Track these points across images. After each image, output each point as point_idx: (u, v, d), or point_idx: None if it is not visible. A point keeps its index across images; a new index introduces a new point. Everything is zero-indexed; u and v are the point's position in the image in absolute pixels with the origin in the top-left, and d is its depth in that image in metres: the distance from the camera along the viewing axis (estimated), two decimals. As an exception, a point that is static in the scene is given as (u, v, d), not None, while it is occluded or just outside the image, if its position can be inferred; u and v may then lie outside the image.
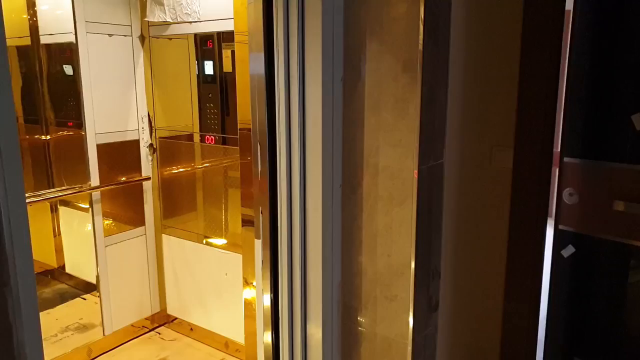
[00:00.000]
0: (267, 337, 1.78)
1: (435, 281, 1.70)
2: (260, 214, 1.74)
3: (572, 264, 2.25)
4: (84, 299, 3.18)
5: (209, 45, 2.83)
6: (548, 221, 2.07)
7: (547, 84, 1.96)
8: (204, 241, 2.66)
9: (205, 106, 2.77)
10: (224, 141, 2.73)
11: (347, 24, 1.52)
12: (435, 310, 1.72)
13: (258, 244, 1.78)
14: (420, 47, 1.40)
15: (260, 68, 1.60)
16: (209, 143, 2.73)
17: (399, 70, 1.45)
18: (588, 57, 2.08)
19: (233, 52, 2.78)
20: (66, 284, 3.45)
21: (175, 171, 2.75)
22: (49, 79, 3.13)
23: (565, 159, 2.19)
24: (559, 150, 2.18)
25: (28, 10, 2.98)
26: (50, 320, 2.96)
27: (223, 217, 2.67)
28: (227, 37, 2.60)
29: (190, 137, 2.75)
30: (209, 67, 2.86)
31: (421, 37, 1.39)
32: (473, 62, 1.89)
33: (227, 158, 2.62)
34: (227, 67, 2.91)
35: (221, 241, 2.61)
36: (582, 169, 2.14)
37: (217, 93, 2.89)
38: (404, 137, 1.48)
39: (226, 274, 2.53)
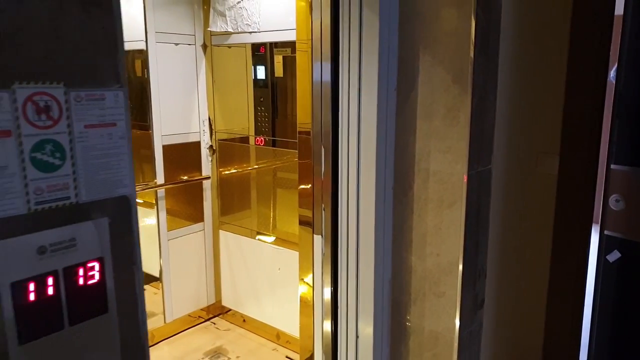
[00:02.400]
0: (327, 328, 1.91)
1: (481, 280, 1.79)
2: (323, 211, 1.87)
3: (618, 269, 2.28)
4: (144, 290, 3.42)
5: (261, 50, 3.00)
6: (593, 226, 2.12)
7: (594, 92, 2.01)
8: (257, 237, 2.82)
9: (257, 109, 2.94)
10: (274, 143, 2.90)
11: (402, 38, 1.64)
12: (480, 307, 1.81)
13: (318, 239, 1.92)
14: (471, 60, 1.50)
15: (326, 76, 1.74)
16: (258, 145, 2.90)
17: (450, 82, 1.56)
18: (638, 64, 2.12)
19: (284, 58, 2.94)
20: (127, 274, 3.70)
21: (232, 171, 2.93)
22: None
23: (612, 166, 2.23)
24: (605, 157, 2.21)
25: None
26: (115, 307, 3.21)
27: (272, 215, 2.83)
28: (278, 43, 2.76)
29: (246, 140, 2.93)
30: (260, 72, 3.04)
31: (472, 50, 1.50)
32: (521, 73, 1.97)
33: (277, 159, 2.78)
34: (278, 72, 3.08)
35: (271, 238, 2.77)
36: (629, 176, 2.18)
37: (268, 97, 3.06)
38: (454, 144, 1.58)
39: (279, 268, 2.69)
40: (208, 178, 2.92)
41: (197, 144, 2.87)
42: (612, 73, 2.25)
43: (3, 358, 0.68)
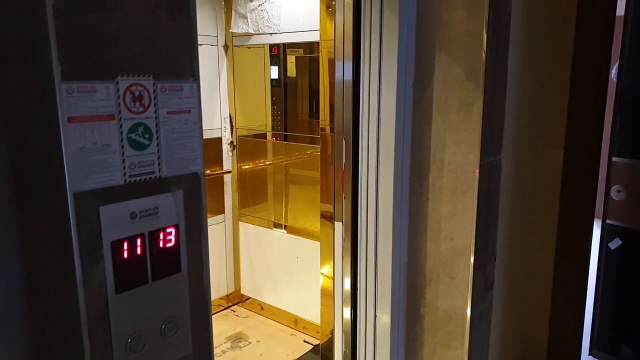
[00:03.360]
0: (346, 313, 2.05)
1: (492, 263, 1.92)
2: (344, 200, 2.00)
3: (619, 256, 2.42)
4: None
5: (274, 51, 3.14)
6: (596, 215, 2.25)
7: (597, 88, 2.15)
8: (281, 229, 2.96)
9: (273, 107, 3.09)
10: (285, 138, 3.04)
11: (419, 38, 1.78)
12: (490, 288, 1.94)
13: (339, 227, 2.05)
14: (484, 58, 1.64)
15: (349, 74, 1.87)
16: (273, 141, 3.05)
17: (464, 78, 1.69)
18: (638, 63, 2.25)
19: (297, 58, 3.08)
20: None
21: (252, 166, 3.07)
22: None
23: (614, 159, 2.36)
24: (607, 150, 2.35)
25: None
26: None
27: (288, 207, 2.98)
28: (291, 44, 2.90)
29: (264, 136, 3.08)
30: (274, 72, 3.19)
31: (484, 50, 1.63)
32: (529, 71, 2.11)
33: (291, 155, 2.93)
34: (291, 72, 3.22)
35: (288, 228, 2.91)
36: (630, 168, 2.31)
37: (281, 96, 3.20)
38: (467, 135, 1.72)
39: (297, 257, 2.83)
40: (229, 172, 3.06)
41: (219, 140, 3.01)
42: (613, 71, 2.39)
43: (104, 304, 0.82)
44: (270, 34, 2.71)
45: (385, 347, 1.94)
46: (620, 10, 2.20)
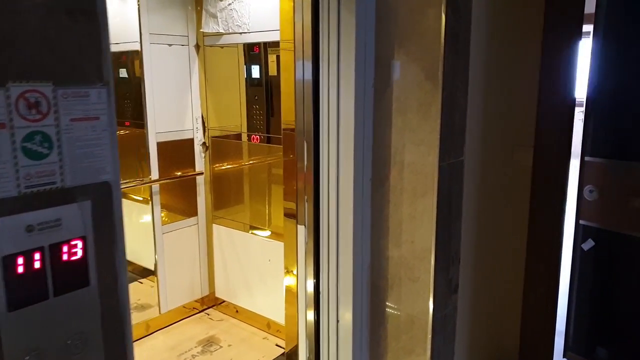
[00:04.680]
0: (310, 316, 2.01)
1: (455, 265, 1.88)
2: (306, 203, 1.97)
3: (593, 257, 2.38)
4: (141, 283, 3.53)
5: (255, 50, 3.10)
6: (568, 216, 2.21)
7: (565, 87, 2.11)
8: (250, 231, 2.92)
9: (252, 107, 3.04)
10: (269, 140, 2.99)
11: (378, 37, 1.73)
12: (455, 292, 1.90)
13: (302, 230, 2.02)
14: (441, 57, 1.60)
15: (308, 74, 1.83)
16: (255, 142, 3.00)
17: (422, 78, 1.65)
18: (610, 61, 2.21)
19: (278, 57, 3.04)
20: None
21: (225, 167, 3.03)
22: (122, 84, 3.49)
23: (587, 158, 2.33)
24: (580, 149, 2.31)
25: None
26: (113, 299, 3.31)
27: (266, 209, 2.93)
28: (272, 42, 2.86)
29: (238, 137, 3.03)
30: (255, 71, 3.14)
31: (442, 49, 1.59)
32: (494, 69, 2.07)
33: (271, 156, 2.88)
34: (272, 71, 3.17)
35: (265, 232, 2.88)
36: (603, 168, 2.27)
37: (262, 95, 3.16)
38: (426, 136, 1.68)
39: (269, 260, 2.79)
40: (201, 174, 3.02)
41: (191, 141, 2.97)
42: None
43: (-5, 322, 0.78)
44: (241, 33, 2.67)
45: (348, 351, 1.90)
46: (590, 7, 2.16)
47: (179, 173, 2.94)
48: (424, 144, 1.69)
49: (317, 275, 1.98)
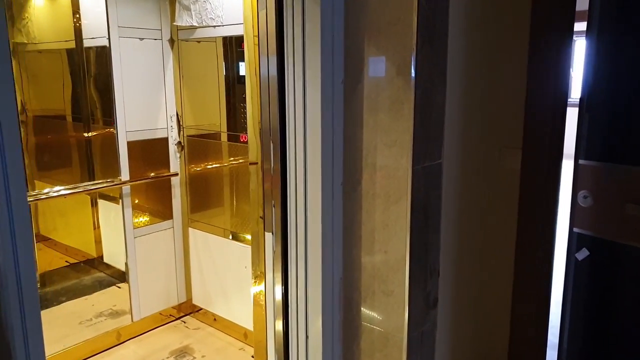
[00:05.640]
0: (279, 326, 1.87)
1: (434, 279, 1.73)
2: (273, 208, 1.83)
3: (588, 267, 2.22)
4: (119, 287, 3.39)
5: (242, 47, 2.95)
6: (561, 224, 2.06)
7: (557, 83, 1.95)
8: (229, 234, 2.78)
9: (239, 106, 2.89)
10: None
11: (347, 29, 1.59)
12: (433, 307, 1.75)
13: (269, 237, 1.88)
14: (414, 50, 1.45)
15: (273, 70, 1.69)
16: (243, 141, 2.85)
17: (394, 73, 1.50)
18: (606, 60, 2.05)
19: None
20: (104, 272, 3.68)
21: (202, 168, 2.89)
22: (91, 80, 3.36)
23: (580, 161, 2.16)
24: (573, 152, 2.15)
25: (74, 15, 3.21)
26: (87, 305, 3.18)
27: (246, 212, 2.79)
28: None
29: (216, 136, 2.89)
30: (242, 68, 2.99)
31: (414, 41, 1.44)
32: (476, 63, 1.91)
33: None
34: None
35: (245, 234, 2.73)
36: (598, 172, 2.11)
37: (247, 93, 3.01)
38: (399, 137, 1.53)
39: (245, 267, 2.65)
40: (176, 175, 2.88)
41: (165, 140, 2.83)
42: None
43: None
44: (214, 26, 2.52)
45: (318, 371, 1.76)
46: (583, 4, 2.00)
47: (152, 174, 2.80)
48: (397, 146, 1.54)
49: (285, 285, 1.84)
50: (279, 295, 1.84)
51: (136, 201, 2.80)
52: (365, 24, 1.54)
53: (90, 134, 3.47)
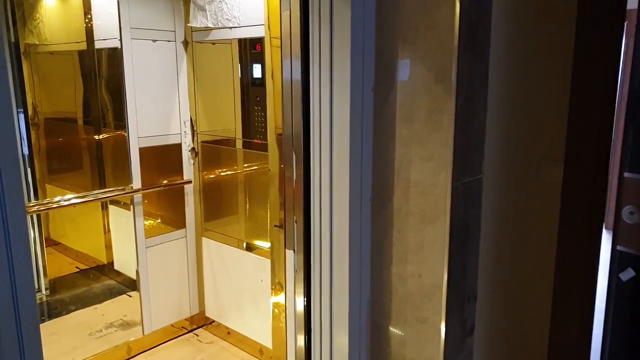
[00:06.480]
0: (300, 343, 1.74)
1: (471, 304, 1.59)
2: (295, 223, 1.70)
3: (632, 289, 2.06)
4: (130, 296, 3.28)
5: (257, 48, 2.82)
6: (606, 241, 1.91)
7: (603, 91, 1.79)
8: (244, 245, 2.65)
9: (253, 109, 2.76)
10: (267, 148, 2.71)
11: (379, 32, 1.45)
12: (470, 334, 1.61)
13: (290, 254, 1.75)
14: (455, 56, 1.31)
15: (297, 75, 1.56)
16: (256, 144, 2.72)
17: (432, 81, 1.36)
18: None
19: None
20: (114, 280, 3.58)
21: (216, 175, 2.76)
22: (102, 82, 3.26)
23: (626, 174, 2.01)
24: (618, 164, 1.99)
25: (85, 16, 3.11)
26: (97, 315, 3.08)
27: (266, 223, 2.66)
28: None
29: (231, 142, 2.76)
30: (257, 71, 2.86)
31: (456, 45, 1.30)
32: (518, 70, 1.76)
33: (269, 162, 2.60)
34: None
35: (261, 245, 2.60)
36: (644, 185, 1.95)
37: (264, 96, 2.88)
38: (437, 150, 1.39)
39: (262, 280, 2.52)
40: (190, 182, 2.76)
41: (178, 146, 2.71)
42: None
43: None
44: (231, 27, 2.39)
45: (343, 402, 1.62)
46: (633, 3, 1.84)
47: (165, 181, 2.68)
48: (434, 160, 1.40)
49: (308, 307, 1.70)
50: (300, 317, 1.71)
51: (148, 209, 2.68)
52: (400, 26, 1.40)
53: (101, 137, 3.37)
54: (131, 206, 2.60)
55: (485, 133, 1.51)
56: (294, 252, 1.71)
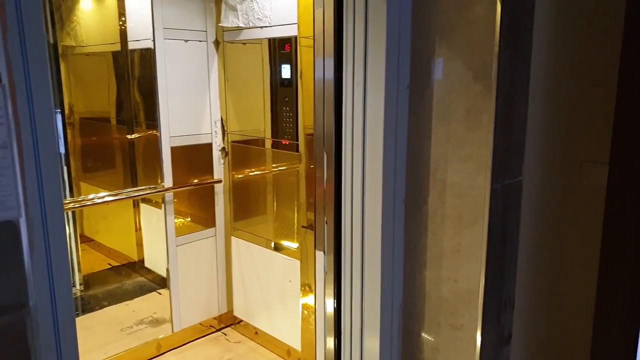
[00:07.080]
0: (330, 346, 1.71)
1: (508, 312, 1.53)
2: (325, 224, 1.67)
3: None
4: (160, 294, 3.32)
5: (286, 49, 2.80)
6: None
7: (653, 91, 1.70)
8: (272, 245, 2.64)
9: (282, 109, 2.75)
10: (298, 147, 2.69)
11: (415, 28, 1.40)
12: (507, 343, 1.55)
13: (320, 255, 1.72)
14: (496, 52, 1.25)
15: (329, 73, 1.54)
16: (284, 145, 2.70)
17: (470, 78, 1.31)
18: None
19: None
20: (145, 277, 3.62)
21: (245, 175, 2.76)
22: (135, 83, 3.30)
23: (675, 177, 1.90)
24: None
25: (119, 18, 3.16)
26: (128, 311, 3.12)
27: (290, 222, 2.64)
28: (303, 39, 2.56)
29: (261, 142, 2.75)
30: (286, 71, 2.84)
31: (497, 41, 1.24)
32: (561, 67, 1.69)
33: (301, 163, 2.58)
34: (304, 70, 2.87)
35: (289, 245, 2.58)
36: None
37: (293, 97, 2.86)
38: (475, 151, 1.34)
39: (290, 281, 2.50)
40: (220, 181, 2.76)
41: (209, 146, 2.71)
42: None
43: None
44: (262, 27, 2.38)
45: (373, 410, 1.58)
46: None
47: (196, 180, 2.70)
48: (472, 161, 1.35)
49: (338, 311, 1.67)
50: (330, 319, 1.68)
51: (178, 208, 2.70)
52: (439, 21, 1.35)
53: (133, 137, 3.42)
54: (162, 205, 2.62)
55: (525, 133, 1.45)
56: (324, 253, 1.68)
